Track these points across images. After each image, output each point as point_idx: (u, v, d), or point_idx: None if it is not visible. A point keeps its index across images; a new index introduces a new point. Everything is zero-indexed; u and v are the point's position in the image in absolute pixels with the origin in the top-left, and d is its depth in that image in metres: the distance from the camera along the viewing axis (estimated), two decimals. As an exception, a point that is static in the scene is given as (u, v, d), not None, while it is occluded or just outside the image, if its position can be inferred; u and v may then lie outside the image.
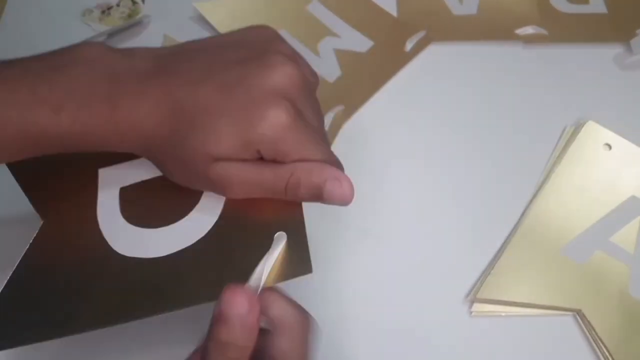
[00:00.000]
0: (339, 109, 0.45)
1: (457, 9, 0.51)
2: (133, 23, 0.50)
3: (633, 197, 0.40)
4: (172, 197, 0.31)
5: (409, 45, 0.48)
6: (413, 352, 0.35)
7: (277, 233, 0.29)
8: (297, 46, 0.48)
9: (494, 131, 0.44)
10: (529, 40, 0.48)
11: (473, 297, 0.36)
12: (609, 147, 0.42)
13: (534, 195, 0.41)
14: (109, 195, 0.32)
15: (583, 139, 0.42)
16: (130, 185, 0.33)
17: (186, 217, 0.30)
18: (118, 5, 0.51)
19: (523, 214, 0.40)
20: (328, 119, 0.44)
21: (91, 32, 0.50)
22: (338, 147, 0.43)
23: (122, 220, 0.31)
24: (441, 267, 0.38)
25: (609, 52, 0.48)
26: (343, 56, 0.48)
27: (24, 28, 0.51)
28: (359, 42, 0.49)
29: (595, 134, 0.43)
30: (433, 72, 0.47)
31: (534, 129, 0.44)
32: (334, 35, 0.50)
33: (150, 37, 0.50)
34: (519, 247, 0.38)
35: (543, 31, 0.49)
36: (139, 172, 0.33)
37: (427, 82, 0.47)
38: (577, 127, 0.43)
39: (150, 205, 0.32)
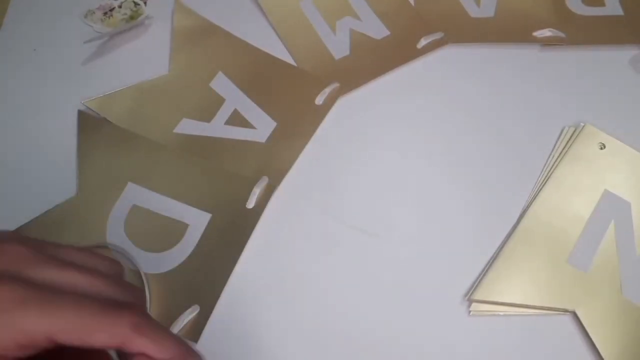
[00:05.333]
0: (334, 85, 0.46)
1: (474, 12, 0.51)
2: (135, 25, 0.50)
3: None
4: (159, 233, 0.40)
5: (423, 42, 0.49)
6: (412, 351, 0.36)
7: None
8: (316, 18, 0.51)
9: (493, 132, 0.45)
10: (546, 42, 0.49)
11: (470, 297, 0.37)
12: (603, 146, 0.43)
13: (532, 197, 0.41)
14: (124, 205, 0.41)
15: (580, 142, 0.43)
16: (141, 207, 0.41)
17: (158, 254, 0.39)
18: (120, 6, 0.52)
19: (521, 215, 0.40)
20: (324, 94, 0.46)
21: (93, 33, 0.50)
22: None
23: (122, 229, 0.40)
24: (440, 266, 0.39)
25: (627, 54, 0.49)
26: (357, 38, 0.49)
27: (26, 29, 0.51)
28: (377, 29, 0.50)
29: (592, 136, 0.43)
30: (441, 71, 0.48)
31: (534, 131, 0.45)
32: (356, 17, 0.51)
33: (152, 39, 0.51)
34: (514, 249, 0.39)
35: (560, 34, 0.49)
36: (152, 200, 0.41)
37: (433, 80, 0.47)
38: (576, 129, 0.44)
39: (144, 229, 0.40)
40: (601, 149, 0.43)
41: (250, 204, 0.41)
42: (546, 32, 0.49)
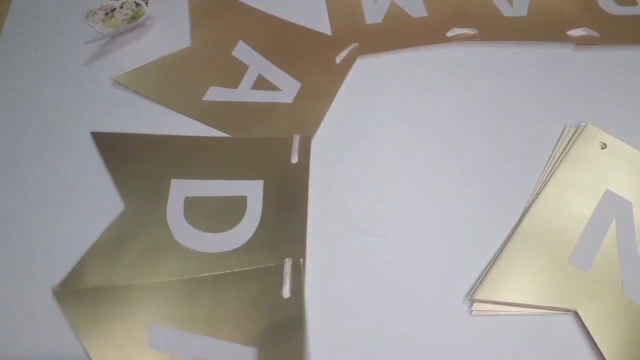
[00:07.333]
0: (353, 45, 0.49)
1: (507, 11, 0.51)
2: (136, 25, 0.50)
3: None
4: (222, 213, 0.41)
5: (453, 32, 0.50)
6: (414, 350, 0.36)
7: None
8: None
9: (494, 132, 0.45)
10: (580, 42, 0.49)
11: (472, 297, 0.37)
12: (604, 145, 0.43)
13: (533, 197, 0.41)
14: (177, 201, 0.42)
15: (581, 141, 0.43)
16: (194, 197, 0.42)
17: (231, 230, 0.40)
18: (121, 7, 0.52)
19: (522, 215, 0.40)
20: (342, 56, 0.48)
21: (94, 34, 0.50)
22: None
23: (185, 222, 0.41)
24: (442, 266, 0.39)
25: (631, 54, 0.48)
26: (394, 10, 0.51)
27: (27, 30, 0.51)
28: (417, 8, 0.52)
29: (593, 136, 0.43)
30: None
31: (535, 131, 0.45)
32: None
33: (153, 39, 0.51)
34: (516, 249, 0.39)
35: (594, 33, 0.49)
36: (201, 188, 0.42)
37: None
38: (577, 129, 0.44)
39: (206, 215, 0.41)
40: (602, 148, 0.43)
41: (294, 159, 0.43)
42: (580, 32, 0.49)
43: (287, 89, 0.47)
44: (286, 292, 0.37)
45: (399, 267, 0.39)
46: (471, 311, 0.37)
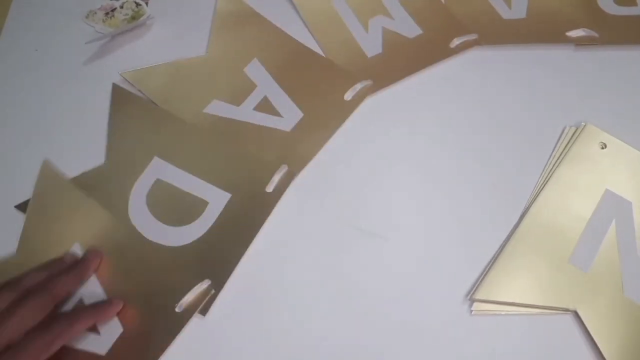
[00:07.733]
0: (367, 82, 0.47)
1: (506, 13, 0.51)
2: (136, 25, 0.50)
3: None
4: (178, 208, 0.41)
5: (455, 42, 0.49)
6: (415, 349, 0.36)
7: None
8: (349, 16, 0.51)
9: (493, 133, 0.45)
10: (579, 42, 0.49)
11: (472, 296, 0.37)
12: (604, 145, 0.43)
13: (533, 197, 0.41)
14: (148, 178, 0.42)
15: (581, 141, 0.43)
16: (164, 182, 0.42)
17: (177, 228, 0.41)
18: (121, 7, 0.52)
19: (522, 215, 0.40)
20: (354, 90, 0.46)
21: (94, 34, 0.50)
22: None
23: (143, 201, 0.42)
24: (442, 266, 0.39)
25: (631, 54, 0.48)
26: (389, 36, 0.50)
27: (27, 30, 0.52)
28: (409, 28, 0.50)
29: (593, 136, 0.43)
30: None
31: (535, 131, 0.45)
32: (388, 15, 0.51)
33: (153, 39, 0.51)
34: (516, 249, 0.39)
35: (594, 33, 0.49)
36: (176, 176, 0.42)
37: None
38: (577, 129, 0.44)
39: (165, 203, 0.41)
40: (602, 148, 0.43)
41: (270, 188, 0.42)
42: (579, 32, 0.49)
43: (288, 116, 0.45)
44: (179, 308, 0.37)
45: (399, 267, 0.39)
46: (471, 311, 0.37)
